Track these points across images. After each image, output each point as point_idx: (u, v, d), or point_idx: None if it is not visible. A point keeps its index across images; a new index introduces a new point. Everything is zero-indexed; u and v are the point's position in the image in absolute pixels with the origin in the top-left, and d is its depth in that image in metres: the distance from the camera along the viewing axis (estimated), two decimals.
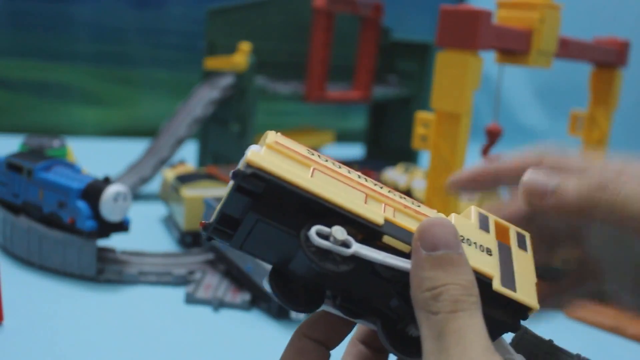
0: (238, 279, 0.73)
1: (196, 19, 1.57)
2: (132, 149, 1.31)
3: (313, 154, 0.28)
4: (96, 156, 1.30)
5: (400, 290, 0.28)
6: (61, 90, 1.63)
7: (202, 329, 0.65)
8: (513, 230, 0.32)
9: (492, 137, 1.02)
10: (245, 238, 0.28)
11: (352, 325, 0.31)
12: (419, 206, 0.30)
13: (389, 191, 0.30)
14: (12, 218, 0.76)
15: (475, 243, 0.30)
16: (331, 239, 0.26)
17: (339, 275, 0.27)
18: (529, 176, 0.32)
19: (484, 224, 0.31)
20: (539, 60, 0.84)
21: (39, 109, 1.61)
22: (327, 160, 0.29)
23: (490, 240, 0.31)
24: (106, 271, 0.73)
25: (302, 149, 0.28)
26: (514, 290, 0.29)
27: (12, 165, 0.78)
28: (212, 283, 0.73)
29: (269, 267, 0.30)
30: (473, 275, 0.27)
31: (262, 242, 0.27)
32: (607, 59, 1.07)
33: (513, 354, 0.31)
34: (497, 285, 0.29)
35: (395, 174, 1.19)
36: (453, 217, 0.31)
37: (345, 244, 0.26)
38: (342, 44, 1.34)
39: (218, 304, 0.69)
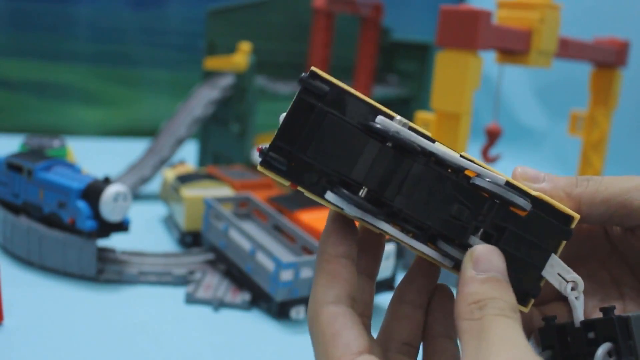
0: (238, 279, 0.73)
1: (196, 19, 1.57)
2: (132, 149, 1.31)
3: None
4: (96, 156, 1.30)
5: (461, 192, 0.30)
6: (61, 90, 1.63)
7: (202, 329, 0.65)
8: None
9: (492, 137, 1.02)
10: (311, 140, 0.29)
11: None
12: None
13: None
14: (12, 218, 0.76)
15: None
16: (396, 120, 0.30)
17: (410, 158, 0.30)
18: (521, 168, 0.34)
19: None
20: (539, 60, 0.84)
21: (39, 109, 1.61)
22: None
23: None
24: (106, 271, 0.73)
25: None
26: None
27: (12, 165, 0.78)
28: (212, 283, 0.73)
29: (268, 266, 0.30)
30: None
31: (328, 142, 0.29)
32: (607, 59, 1.07)
33: (572, 273, 0.32)
34: (540, 194, 0.31)
35: None
36: None
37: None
38: (342, 44, 1.34)
39: (218, 304, 0.69)
